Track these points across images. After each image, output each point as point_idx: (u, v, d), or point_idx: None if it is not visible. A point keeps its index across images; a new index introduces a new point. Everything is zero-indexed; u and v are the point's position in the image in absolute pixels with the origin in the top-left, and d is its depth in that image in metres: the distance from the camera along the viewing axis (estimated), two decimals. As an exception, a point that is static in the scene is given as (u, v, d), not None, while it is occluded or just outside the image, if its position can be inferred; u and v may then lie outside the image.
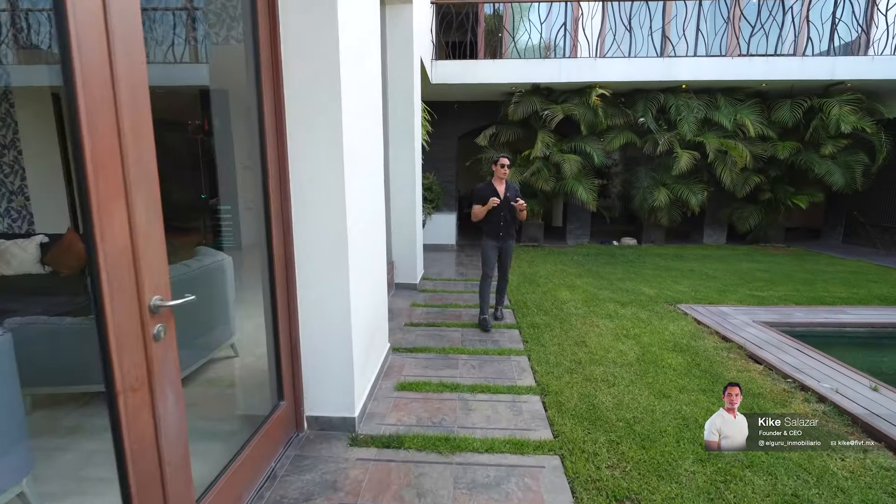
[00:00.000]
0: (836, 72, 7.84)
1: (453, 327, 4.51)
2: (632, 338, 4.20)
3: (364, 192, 2.80)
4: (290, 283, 2.44)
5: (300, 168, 2.38)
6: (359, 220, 2.67)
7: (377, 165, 3.22)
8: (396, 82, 5.57)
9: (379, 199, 3.30)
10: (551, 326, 4.48)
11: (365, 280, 2.86)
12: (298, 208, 2.42)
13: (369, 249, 2.97)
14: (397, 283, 5.98)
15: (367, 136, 2.89)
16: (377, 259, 3.28)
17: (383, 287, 3.57)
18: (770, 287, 6.09)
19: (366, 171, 2.84)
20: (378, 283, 3.35)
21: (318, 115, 2.33)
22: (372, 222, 3.06)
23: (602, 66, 7.98)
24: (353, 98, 2.51)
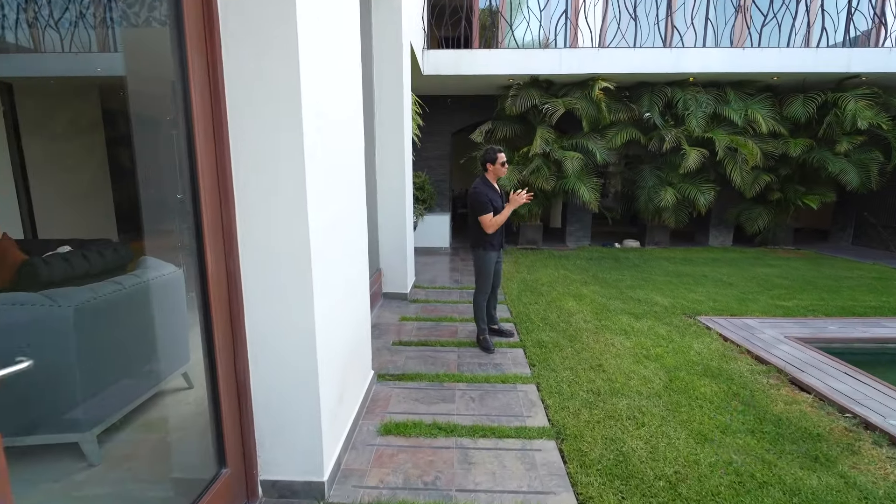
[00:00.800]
0: (853, 64, 7.38)
1: (448, 347, 3.93)
2: (654, 359, 3.65)
3: (335, 191, 2.21)
4: (234, 308, 1.85)
5: (245, 164, 1.79)
6: (328, 225, 2.08)
7: (354, 160, 2.64)
8: (383, 67, 4.98)
9: (357, 199, 2.72)
10: (560, 345, 3.92)
11: (338, 298, 2.27)
12: (245, 212, 1.83)
13: (344, 259, 2.39)
14: (385, 293, 5.38)
15: (340, 127, 2.31)
16: (355, 270, 2.69)
17: (364, 303, 2.98)
18: (792, 295, 5.59)
19: (337, 166, 2.25)
20: (357, 299, 2.77)
21: (269, 104, 1.74)
22: (348, 227, 2.47)
23: (605, 57, 7.44)
24: (318, 82, 1.93)
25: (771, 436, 2.60)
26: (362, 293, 2.89)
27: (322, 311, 1.99)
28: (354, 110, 2.63)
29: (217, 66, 1.70)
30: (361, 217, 2.85)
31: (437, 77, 7.65)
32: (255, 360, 1.92)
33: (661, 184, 8.45)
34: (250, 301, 1.89)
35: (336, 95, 2.22)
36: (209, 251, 1.70)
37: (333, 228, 2.16)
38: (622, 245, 9.45)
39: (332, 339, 2.18)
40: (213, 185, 1.72)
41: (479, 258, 3.83)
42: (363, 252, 2.90)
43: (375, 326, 4.42)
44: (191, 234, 1.72)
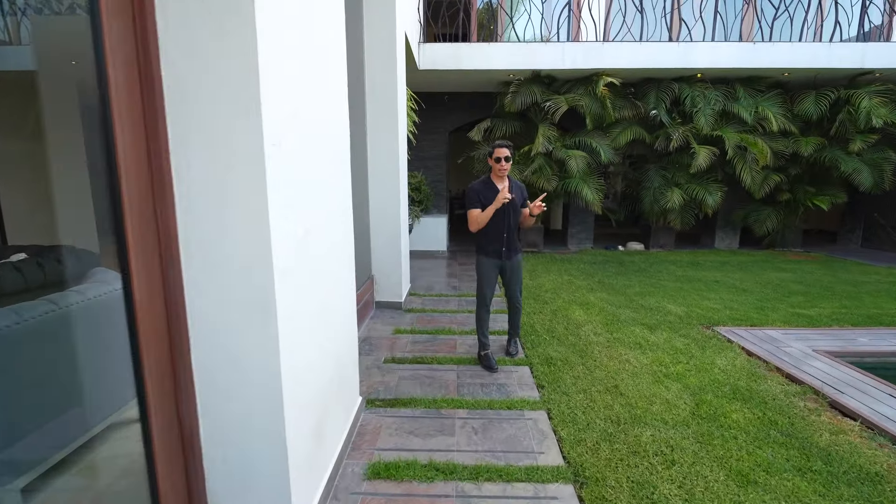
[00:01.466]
0: (867, 60, 7.07)
1: (446, 364, 3.54)
2: (675, 378, 3.28)
3: (309, 197, 1.83)
4: (175, 340, 1.46)
5: (190, 165, 1.41)
6: (299, 237, 1.70)
7: (336, 162, 2.25)
8: (374, 59, 4.60)
9: (340, 204, 2.33)
10: (571, 362, 3.54)
11: (312, 321, 1.89)
12: (190, 222, 1.44)
13: (321, 274, 2.01)
14: (378, 302, 5.00)
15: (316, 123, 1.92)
16: (338, 284, 2.31)
17: (349, 321, 2.59)
18: (813, 303, 5.24)
19: (313, 168, 1.87)
20: (340, 318, 2.38)
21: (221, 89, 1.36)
22: (327, 237, 2.09)
23: (610, 51, 7.09)
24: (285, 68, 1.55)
25: (823, 476, 2.23)
26: (346, 310, 2.51)
27: (290, 339, 1.60)
28: (336, 105, 2.25)
29: (149, 40, 1.31)
30: (346, 224, 2.46)
31: (433, 72, 7.28)
32: (205, 405, 1.53)
33: (667, 184, 8.11)
34: (198, 331, 1.50)
35: (311, 87, 1.84)
36: (136, 266, 1.31)
37: (306, 240, 1.78)
38: (626, 248, 9.11)
39: (306, 371, 1.79)
40: (140, 186, 1.34)
41: (476, 264, 3.54)
42: (348, 263, 2.52)
43: (366, 340, 4.03)
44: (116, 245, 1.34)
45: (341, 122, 2.33)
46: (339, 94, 2.27)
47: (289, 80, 1.58)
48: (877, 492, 2.13)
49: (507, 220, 3.33)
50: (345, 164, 2.41)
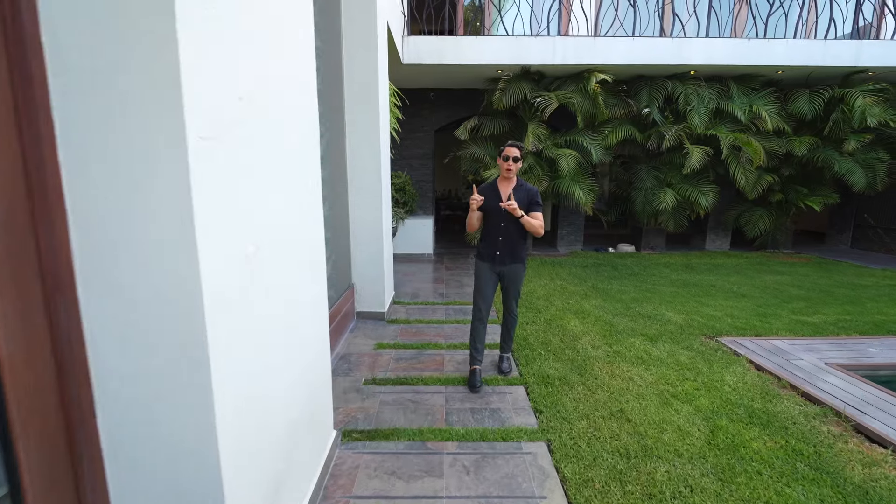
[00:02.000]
0: (862, 58, 6.93)
1: (433, 385, 3.20)
2: (684, 399, 2.99)
3: (262, 198, 1.46)
4: (70, 404, 1.09)
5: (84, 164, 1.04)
6: (243, 257, 1.33)
7: (302, 154, 1.88)
8: (353, 48, 4.22)
9: (308, 207, 1.96)
10: (569, 381, 3.23)
11: (268, 354, 1.53)
12: (86, 239, 1.07)
13: (282, 293, 1.64)
14: (359, 313, 4.62)
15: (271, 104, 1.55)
16: (305, 303, 1.94)
17: (320, 344, 2.22)
18: (814, 309, 5.04)
19: (266, 163, 1.50)
20: (309, 342, 2.02)
21: (126, 61, 1.00)
22: (289, 247, 1.72)
23: (602, 47, 6.82)
24: (224, 35, 1.18)
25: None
26: (317, 335, 2.14)
27: (232, 387, 1.24)
28: (302, 89, 1.88)
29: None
30: (315, 233, 2.09)
31: (418, 67, 6.91)
32: (120, 488, 1.16)
33: (659, 185, 7.88)
34: (105, 386, 1.12)
35: (266, 65, 1.47)
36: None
37: (258, 258, 1.41)
38: (616, 250, 8.89)
39: (258, 423, 1.43)
40: (8, 196, 0.96)
41: (475, 268, 3.31)
42: (318, 279, 2.15)
43: (344, 358, 3.66)
44: None
45: (307, 110, 1.96)
46: (305, 77, 1.91)
47: (230, 52, 1.22)
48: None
49: (502, 225, 3.09)
50: (313, 163, 2.05)
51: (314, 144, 2.06)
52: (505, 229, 3.10)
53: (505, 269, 3.19)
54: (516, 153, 3.06)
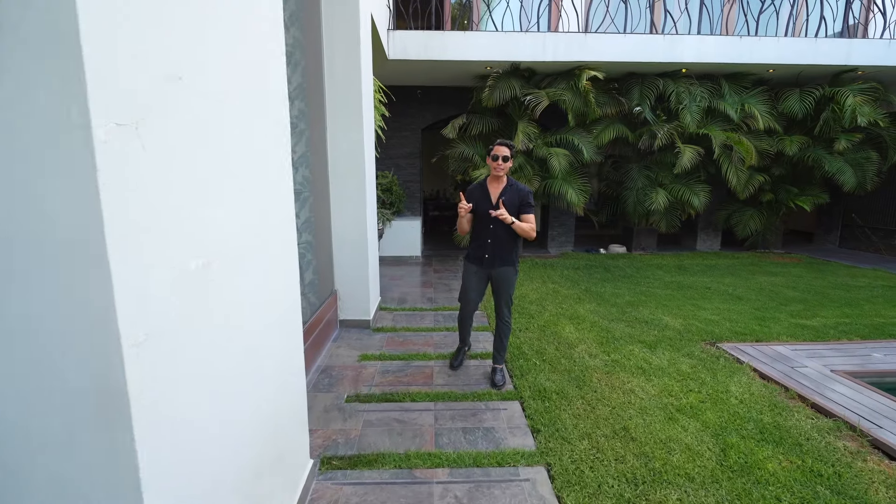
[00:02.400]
0: (852, 57, 6.88)
1: (422, 401, 2.96)
2: (690, 414, 2.80)
3: (211, 202, 1.21)
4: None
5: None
6: (189, 266, 1.08)
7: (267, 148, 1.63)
8: (335, 39, 3.96)
9: (276, 210, 1.71)
10: (567, 395, 3.02)
11: (220, 390, 1.28)
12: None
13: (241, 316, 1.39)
14: (343, 321, 4.36)
15: (219, 86, 1.30)
16: (272, 325, 1.69)
17: (293, 366, 1.97)
18: (812, 311, 4.92)
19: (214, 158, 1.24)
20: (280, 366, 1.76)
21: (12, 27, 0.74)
22: (250, 260, 1.46)
23: (593, 43, 6.66)
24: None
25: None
26: (289, 356, 1.88)
27: (166, 447, 0.99)
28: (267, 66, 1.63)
29: None
30: (285, 240, 1.84)
31: (404, 63, 6.66)
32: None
33: (651, 185, 7.75)
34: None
35: (212, 34, 1.22)
36: None
37: (205, 277, 1.16)
38: (608, 251, 8.74)
39: (207, 479, 1.17)
40: None
41: (462, 269, 3.29)
42: (289, 293, 1.89)
43: (326, 372, 3.40)
44: None
45: (274, 97, 1.71)
46: (268, 58, 1.65)
47: (156, 16, 0.96)
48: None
49: (491, 227, 2.99)
50: (281, 158, 1.79)
51: (282, 137, 1.81)
52: (494, 231, 2.98)
53: (494, 273, 3.08)
54: (506, 152, 2.93)
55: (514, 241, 3.04)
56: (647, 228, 8.57)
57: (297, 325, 1.99)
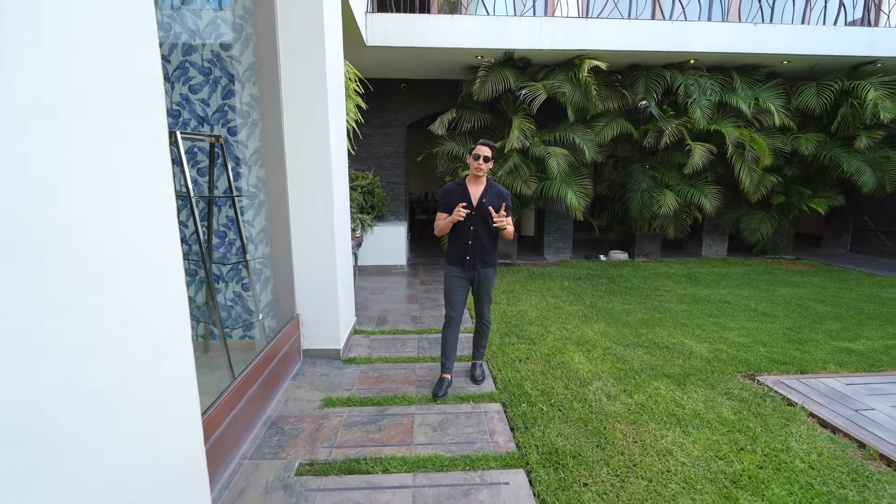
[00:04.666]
0: (875, 47, 6.33)
1: (396, 471, 2.24)
2: (750, 489, 2.11)
3: None
4: None
5: None
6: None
7: (101, 90, 0.90)
8: (290, 9, 3.23)
9: (127, 213, 0.97)
10: (587, 461, 2.31)
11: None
12: None
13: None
14: (306, 351, 3.62)
15: None
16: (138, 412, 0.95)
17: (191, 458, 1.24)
18: (852, 331, 4.30)
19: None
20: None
21: None
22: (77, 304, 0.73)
23: (595, 30, 6.01)
24: None
25: None
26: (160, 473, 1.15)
27: None
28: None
29: None
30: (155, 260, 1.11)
31: (385, 51, 5.95)
32: None
33: (657, 186, 7.12)
34: None
35: None
36: None
37: None
38: (609, 257, 8.09)
39: None
40: None
41: (444, 274, 3.11)
42: (168, 362, 1.16)
43: (275, 425, 2.66)
44: None
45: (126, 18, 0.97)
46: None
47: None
48: None
49: (472, 228, 2.92)
50: (149, 122, 1.07)
51: (154, 92, 1.08)
52: (475, 233, 2.92)
53: (476, 274, 3.02)
54: (488, 152, 2.87)
55: (494, 242, 3.02)
56: (649, 233, 7.94)
57: (194, 416, 1.26)
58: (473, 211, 2.88)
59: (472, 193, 2.92)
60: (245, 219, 3.43)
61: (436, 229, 3.02)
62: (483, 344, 3.30)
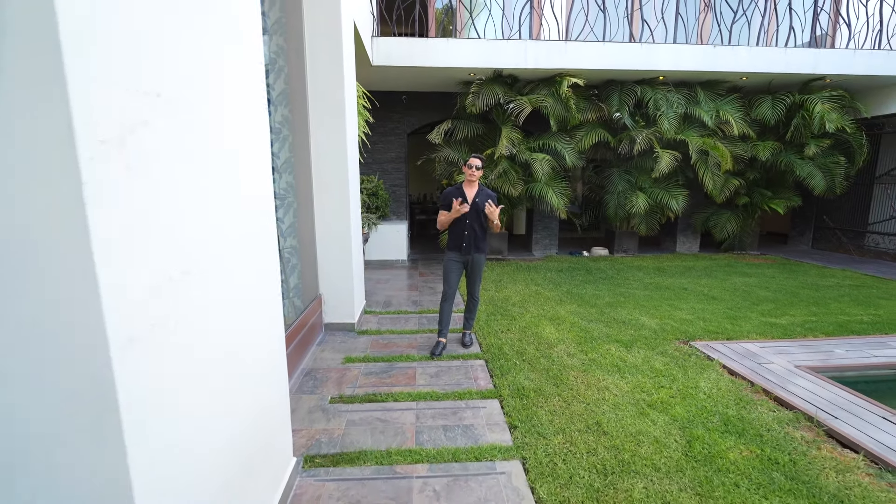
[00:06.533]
0: (820, 66, 7.18)
1: (404, 401, 3.05)
2: (660, 409, 2.94)
3: (193, 211, 1.29)
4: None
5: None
6: (172, 275, 1.16)
7: (248, 156, 1.71)
8: (317, 46, 4.04)
9: (256, 217, 1.79)
10: (545, 393, 3.13)
11: (206, 390, 1.35)
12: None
13: (222, 321, 1.46)
14: (327, 324, 4.42)
15: (202, 99, 1.38)
16: (253, 330, 1.76)
17: (275, 368, 2.05)
18: (782, 310, 5.13)
19: (196, 169, 1.32)
20: (262, 368, 1.84)
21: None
22: (230, 266, 1.54)
23: (574, 51, 6.84)
24: (133, 8, 1.01)
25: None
26: (271, 358, 1.96)
27: (155, 448, 1.06)
28: (248, 79, 1.71)
29: None
30: (266, 247, 1.91)
31: (388, 69, 6.77)
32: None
33: (631, 189, 7.96)
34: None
35: (194, 48, 1.30)
36: None
37: (186, 285, 1.23)
38: (590, 253, 8.93)
39: (189, 478, 1.25)
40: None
41: (444, 259, 3.92)
42: (271, 298, 1.96)
43: (310, 374, 3.47)
44: None
45: (253, 107, 1.79)
46: (248, 61, 1.73)
47: (134, 32, 1.05)
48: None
49: (467, 222, 3.72)
50: (261, 165, 1.88)
51: (262, 144, 1.89)
52: (470, 226, 3.74)
53: (470, 258, 3.81)
54: (479, 163, 3.72)
55: (485, 234, 3.83)
56: (628, 231, 8.78)
57: (279, 329, 2.07)
58: (469, 208, 3.67)
59: (467, 193, 3.73)
60: (277, 216, 4.23)
61: (439, 224, 3.78)
62: (472, 317, 4.12)
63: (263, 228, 1.87)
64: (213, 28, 1.43)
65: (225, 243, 1.50)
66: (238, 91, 1.62)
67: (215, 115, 1.45)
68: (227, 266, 1.50)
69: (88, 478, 0.97)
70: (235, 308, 1.57)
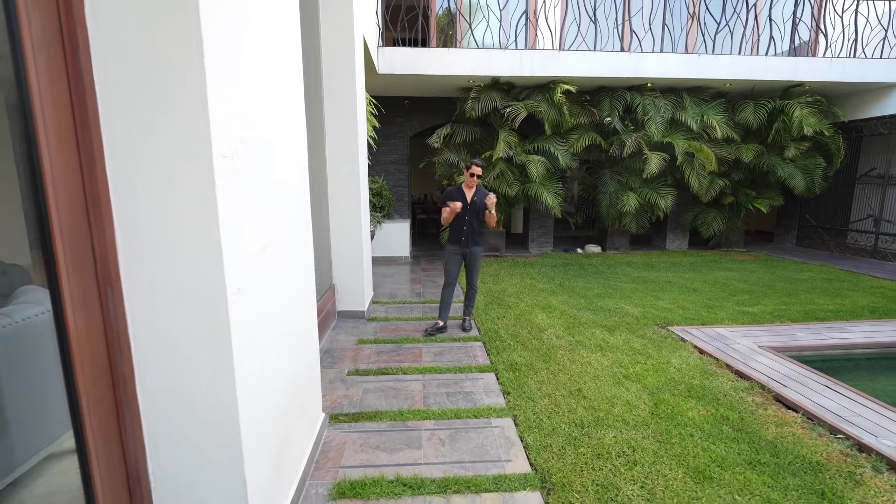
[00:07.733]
0: (798, 73, 7.64)
1: (412, 374, 3.50)
2: (634, 379, 3.39)
3: (265, 204, 1.74)
4: (117, 371, 1.34)
5: (127, 174, 1.31)
6: (254, 255, 1.61)
7: (293, 165, 2.17)
8: (333, 64, 4.49)
9: (299, 212, 2.24)
10: (534, 367, 3.59)
11: (271, 339, 1.80)
12: (129, 237, 1.34)
13: (279, 291, 1.92)
14: (340, 312, 4.88)
15: (270, 124, 1.84)
16: (298, 297, 2.22)
17: (310, 334, 2.50)
18: (756, 300, 5.59)
19: (267, 174, 1.78)
20: (302, 332, 2.29)
21: (161, 93, 1.27)
22: (285, 251, 2.00)
23: (567, 60, 7.29)
24: (238, 68, 1.47)
25: (770, 468, 2.36)
26: (307, 326, 2.41)
27: (247, 366, 1.51)
28: (293, 110, 2.16)
29: (77, 37, 1.21)
30: (305, 235, 2.37)
31: (393, 77, 7.22)
32: (155, 444, 1.42)
33: (622, 189, 8.42)
34: (144, 358, 1.39)
35: (266, 91, 1.76)
36: (68, 288, 1.20)
37: (263, 256, 1.69)
38: (584, 250, 9.38)
39: (265, 398, 1.70)
40: (71, 197, 1.22)
41: (445, 252, 4.41)
42: (308, 276, 2.42)
43: (328, 353, 3.92)
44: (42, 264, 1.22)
45: (298, 127, 2.24)
46: (295, 98, 2.19)
47: (241, 81, 1.50)
48: (818, 480, 2.28)
49: (466, 218, 4.21)
50: (303, 172, 2.33)
51: (303, 155, 2.34)
52: (469, 221, 4.22)
53: (468, 251, 4.29)
54: (478, 171, 4.17)
55: (482, 229, 4.31)
56: (619, 229, 9.23)
57: (312, 302, 2.53)
58: (468, 206, 4.15)
59: (466, 193, 4.21)
60: (295, 213, 4.69)
61: (442, 220, 4.25)
62: (471, 305, 4.57)
63: (304, 220, 2.33)
64: (285, 78, 1.88)
65: (283, 228, 1.95)
66: (290, 118, 2.08)
67: (281, 135, 1.90)
68: (284, 245, 1.96)
69: (212, 379, 1.42)
70: (288, 278, 2.03)
